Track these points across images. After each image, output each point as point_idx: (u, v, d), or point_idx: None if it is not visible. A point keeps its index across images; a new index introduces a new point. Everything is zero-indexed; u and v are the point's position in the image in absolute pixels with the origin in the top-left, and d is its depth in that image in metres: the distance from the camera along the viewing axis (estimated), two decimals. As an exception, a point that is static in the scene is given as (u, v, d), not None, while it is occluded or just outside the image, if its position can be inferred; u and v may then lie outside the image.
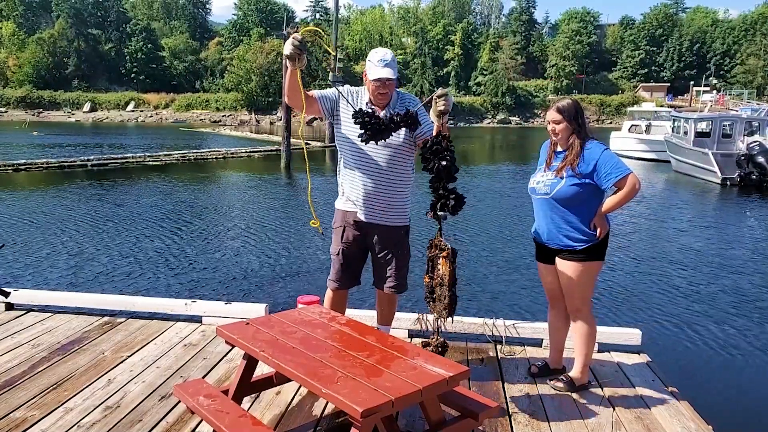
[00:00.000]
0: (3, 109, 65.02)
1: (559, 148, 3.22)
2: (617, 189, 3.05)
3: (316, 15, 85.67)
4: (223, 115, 64.25)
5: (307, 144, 27.50)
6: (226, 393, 2.74)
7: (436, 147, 2.92)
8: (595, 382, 3.41)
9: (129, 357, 3.62)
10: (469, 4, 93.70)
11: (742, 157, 17.86)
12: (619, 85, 79.22)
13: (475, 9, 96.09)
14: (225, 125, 54.28)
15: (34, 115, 63.45)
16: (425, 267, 3.09)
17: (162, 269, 7.87)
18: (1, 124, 50.65)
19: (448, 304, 2.98)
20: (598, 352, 3.77)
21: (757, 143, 17.90)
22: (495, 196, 15.36)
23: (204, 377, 3.34)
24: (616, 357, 3.78)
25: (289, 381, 2.99)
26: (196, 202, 13.54)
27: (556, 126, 3.15)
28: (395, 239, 3.30)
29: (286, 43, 2.85)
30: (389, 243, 3.29)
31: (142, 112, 67.42)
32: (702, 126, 21.09)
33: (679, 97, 68.72)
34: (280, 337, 2.66)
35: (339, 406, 2.16)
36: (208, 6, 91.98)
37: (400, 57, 70.71)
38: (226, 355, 3.66)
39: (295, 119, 21.10)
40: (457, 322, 3.93)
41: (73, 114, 65.45)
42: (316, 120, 55.40)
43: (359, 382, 2.20)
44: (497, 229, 10.96)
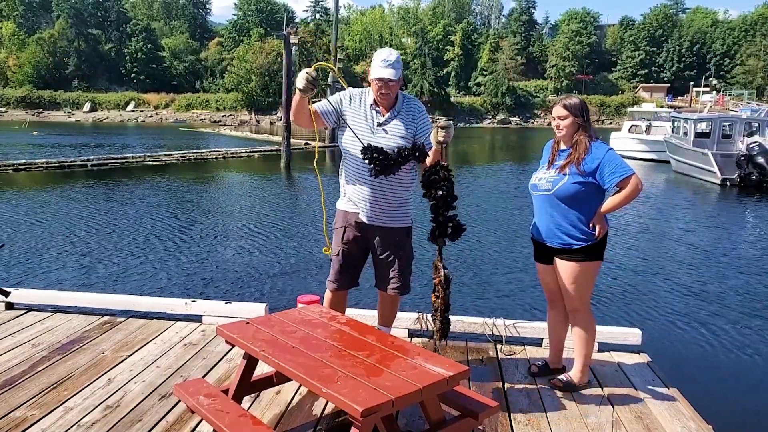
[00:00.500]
0: (3, 109, 64.95)
1: (562, 146, 3.22)
2: (619, 189, 3.05)
3: (316, 15, 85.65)
4: (223, 115, 64.19)
5: (307, 144, 27.46)
6: (226, 392, 2.74)
7: (434, 177, 2.95)
8: (595, 382, 3.41)
9: (129, 356, 3.62)
10: (469, 5, 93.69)
11: (742, 158, 17.86)
12: (619, 86, 79.21)
13: (475, 9, 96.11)
14: (225, 125, 54.24)
15: (34, 115, 63.39)
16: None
17: (162, 269, 7.86)
18: (1, 124, 50.63)
19: (440, 329, 3.05)
20: (598, 352, 3.77)
21: (757, 144, 17.90)
22: (495, 197, 15.36)
23: (204, 377, 3.34)
24: (616, 357, 3.78)
25: (289, 380, 3.00)
26: (196, 202, 13.54)
27: (561, 122, 3.15)
28: (397, 240, 3.29)
29: (299, 77, 2.92)
30: (391, 244, 3.28)
31: (142, 112, 67.36)
32: (702, 126, 21.09)
33: (679, 97, 68.74)
34: (280, 336, 2.66)
35: (339, 406, 2.16)
36: (208, 6, 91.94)
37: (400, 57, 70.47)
38: (226, 355, 3.66)
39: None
40: (457, 322, 3.93)
41: (73, 114, 65.39)
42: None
43: (359, 382, 2.20)
44: (497, 229, 10.96)
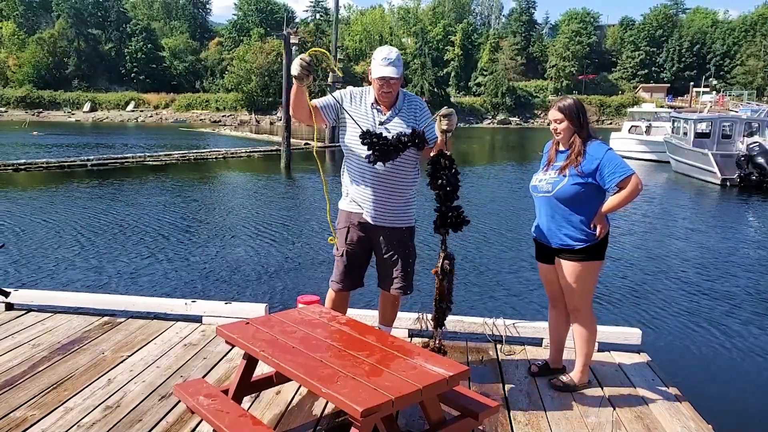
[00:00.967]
0: (3, 109, 64.95)
1: (561, 148, 3.23)
2: (619, 189, 3.06)
3: (316, 15, 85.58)
4: (223, 115, 64.18)
5: (307, 144, 27.46)
6: (226, 393, 2.74)
7: (437, 166, 2.95)
8: (595, 382, 3.41)
9: (129, 357, 3.62)
10: (469, 5, 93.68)
11: (742, 158, 17.87)
12: (619, 86, 79.22)
13: (475, 9, 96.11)
14: (225, 125, 54.24)
15: (34, 115, 63.38)
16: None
17: (162, 269, 7.87)
18: (1, 124, 50.63)
19: (434, 317, 3.08)
20: (598, 351, 3.77)
21: (757, 144, 17.90)
22: (495, 196, 15.36)
23: (204, 377, 3.33)
24: (616, 357, 3.78)
25: (289, 381, 3.00)
26: (196, 202, 13.54)
27: (558, 125, 3.15)
28: (400, 240, 3.28)
29: (293, 64, 2.86)
30: (395, 244, 3.27)
31: (142, 112, 67.36)
32: (702, 127, 21.09)
33: (679, 97, 68.73)
34: (280, 336, 2.66)
35: (339, 406, 2.16)
36: (208, 6, 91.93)
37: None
38: (226, 355, 3.66)
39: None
40: (457, 322, 3.94)
41: (73, 114, 65.39)
42: (316, 120, 55.41)
43: (359, 382, 2.20)
44: (497, 228, 10.97)
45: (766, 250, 9.96)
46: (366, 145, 2.96)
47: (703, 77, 67.33)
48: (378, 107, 3.16)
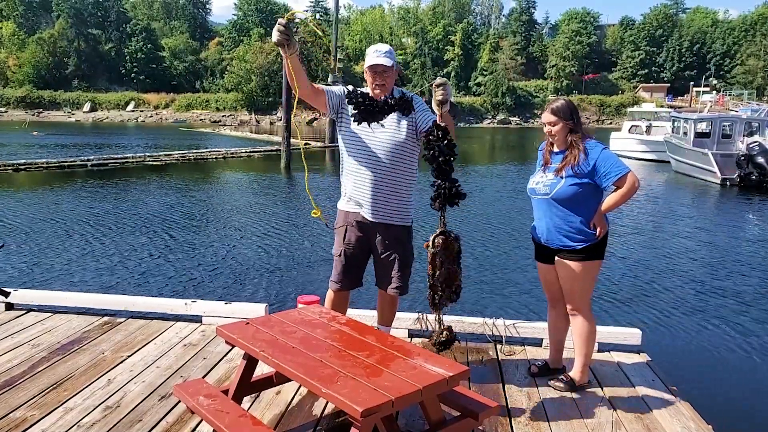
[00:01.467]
0: (3, 109, 65.00)
1: (556, 149, 3.23)
2: (616, 188, 3.06)
3: (317, 15, 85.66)
4: (223, 115, 64.23)
5: (307, 144, 27.51)
6: (226, 393, 2.74)
7: (432, 137, 2.89)
8: (595, 382, 3.41)
9: (129, 357, 3.62)
10: (469, 5, 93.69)
11: (742, 158, 17.86)
12: (619, 86, 79.24)
13: (475, 9, 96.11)
14: (225, 125, 54.26)
15: (34, 115, 63.43)
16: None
17: (162, 269, 7.86)
18: (1, 124, 50.64)
19: (430, 294, 2.95)
20: (598, 352, 3.77)
21: (757, 143, 17.90)
22: (495, 196, 15.36)
23: (204, 377, 3.33)
24: (616, 357, 3.78)
25: (289, 381, 3.00)
26: (196, 202, 13.54)
27: (552, 127, 3.17)
28: (398, 239, 3.28)
29: (273, 31, 2.80)
30: (392, 243, 3.27)
31: (142, 112, 67.41)
32: (702, 126, 21.09)
33: (679, 97, 68.75)
34: (280, 337, 2.66)
35: (339, 406, 2.16)
36: (208, 6, 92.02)
37: (401, 57, 70.75)
38: (226, 355, 3.66)
39: (295, 119, 21.12)
40: (457, 322, 3.93)
41: (73, 114, 65.43)
42: (316, 120, 55.50)
43: (359, 382, 2.20)
44: (497, 228, 10.96)
45: (765, 250, 9.95)
46: (351, 105, 2.95)
47: (703, 77, 67.35)
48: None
